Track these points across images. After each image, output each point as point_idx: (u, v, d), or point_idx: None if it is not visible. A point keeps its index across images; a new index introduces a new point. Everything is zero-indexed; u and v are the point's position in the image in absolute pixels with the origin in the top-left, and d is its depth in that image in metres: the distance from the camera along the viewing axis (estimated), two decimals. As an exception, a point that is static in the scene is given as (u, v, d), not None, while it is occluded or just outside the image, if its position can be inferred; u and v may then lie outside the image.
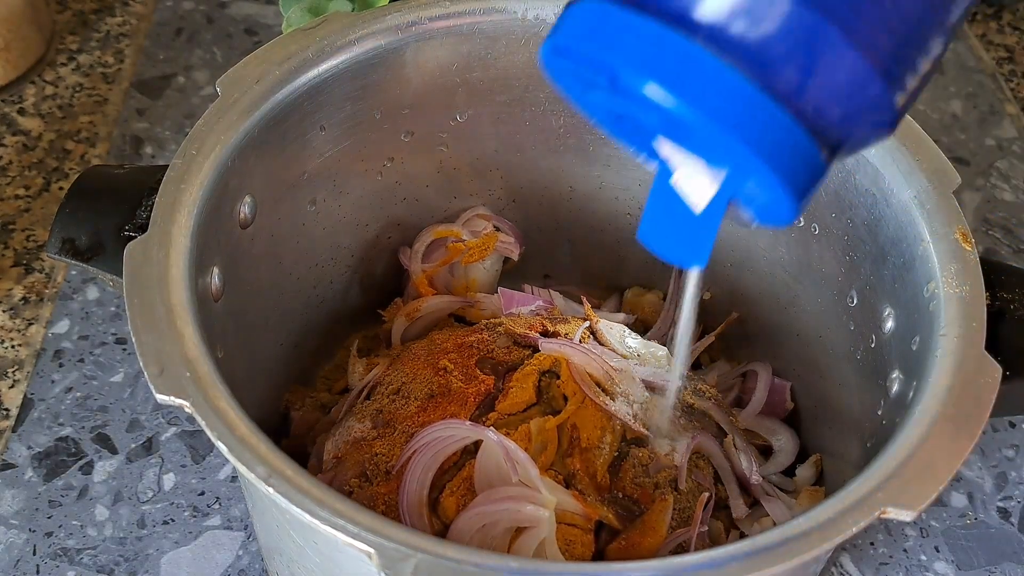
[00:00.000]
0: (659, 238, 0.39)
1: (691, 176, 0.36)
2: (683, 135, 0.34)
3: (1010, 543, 0.65)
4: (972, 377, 0.45)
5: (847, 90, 0.31)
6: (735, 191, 0.35)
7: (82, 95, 0.89)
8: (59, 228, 0.52)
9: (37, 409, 0.68)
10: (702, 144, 0.34)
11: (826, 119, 0.32)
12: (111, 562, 0.62)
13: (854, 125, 0.32)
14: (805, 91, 0.31)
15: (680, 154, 0.35)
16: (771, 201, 0.34)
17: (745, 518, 0.58)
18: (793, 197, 0.33)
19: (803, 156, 0.32)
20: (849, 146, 0.34)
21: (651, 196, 0.38)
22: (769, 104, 0.31)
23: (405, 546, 0.39)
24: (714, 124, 0.31)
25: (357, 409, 0.58)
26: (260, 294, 0.58)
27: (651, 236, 0.39)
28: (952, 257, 0.50)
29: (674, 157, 0.36)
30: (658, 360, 0.60)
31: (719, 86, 0.31)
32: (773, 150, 0.31)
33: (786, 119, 0.31)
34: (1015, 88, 0.96)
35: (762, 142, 0.31)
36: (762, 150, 0.31)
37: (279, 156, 0.56)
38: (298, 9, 0.66)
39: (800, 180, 0.32)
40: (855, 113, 0.32)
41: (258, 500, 0.52)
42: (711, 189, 0.36)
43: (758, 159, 0.31)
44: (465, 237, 0.67)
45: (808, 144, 0.32)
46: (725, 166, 0.34)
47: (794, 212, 0.34)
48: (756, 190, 0.34)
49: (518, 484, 0.51)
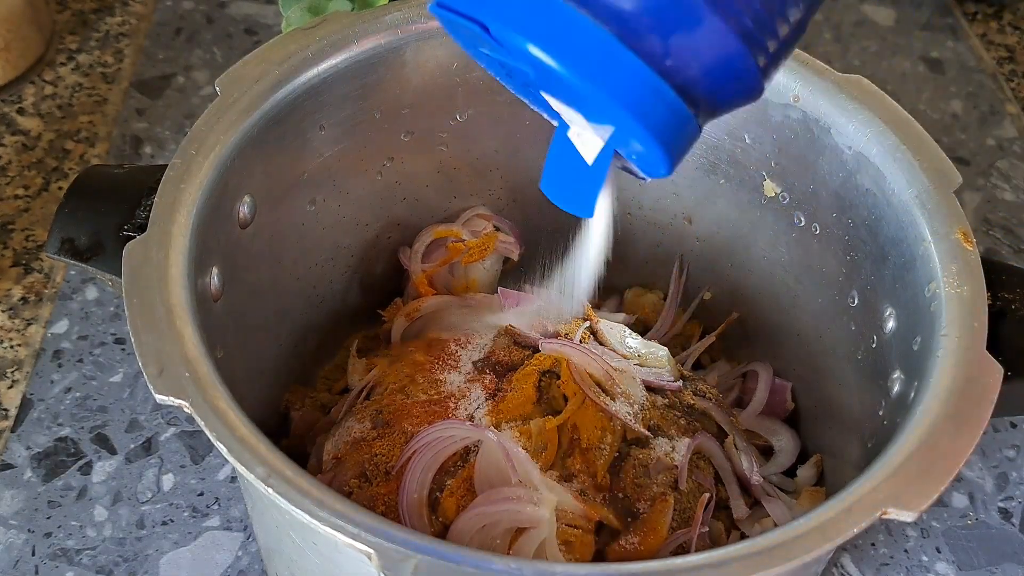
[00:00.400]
0: (557, 189, 0.41)
1: (581, 131, 0.38)
2: (562, 92, 0.36)
3: (1011, 543, 0.65)
4: (973, 377, 0.45)
5: (709, 52, 0.33)
6: (618, 144, 0.37)
7: (82, 95, 0.89)
8: (58, 228, 0.52)
9: (36, 409, 0.68)
10: (580, 100, 0.35)
11: (691, 79, 0.34)
12: (110, 563, 0.61)
13: (718, 85, 0.34)
14: (670, 52, 0.33)
15: (568, 110, 0.37)
16: (647, 155, 0.36)
17: (746, 519, 0.58)
18: (664, 151, 0.35)
19: (671, 113, 0.34)
20: (717, 106, 0.36)
21: (551, 149, 0.40)
22: (637, 63, 0.33)
23: (405, 547, 0.39)
24: (585, 81, 0.33)
25: (357, 409, 0.58)
26: (260, 294, 0.58)
27: (550, 187, 0.41)
28: (953, 257, 0.49)
29: (564, 113, 0.38)
30: (659, 360, 0.60)
31: (589, 44, 0.33)
32: (642, 107, 0.33)
33: (653, 78, 0.33)
34: (1016, 88, 0.96)
35: (631, 99, 0.33)
36: (631, 106, 0.33)
37: (279, 156, 0.56)
38: (298, 9, 0.66)
39: (670, 135, 0.35)
40: (718, 74, 0.34)
41: (257, 501, 0.52)
42: (598, 143, 0.38)
43: (627, 114, 0.33)
44: (465, 237, 0.67)
45: (675, 102, 0.34)
46: (602, 121, 0.36)
47: (667, 165, 0.36)
48: (634, 144, 0.36)
49: (518, 485, 0.50)
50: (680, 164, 0.37)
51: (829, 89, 0.56)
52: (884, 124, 0.54)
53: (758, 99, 0.36)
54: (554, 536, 0.50)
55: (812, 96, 0.56)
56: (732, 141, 0.62)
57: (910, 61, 0.99)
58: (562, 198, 0.41)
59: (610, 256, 0.49)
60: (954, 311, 0.48)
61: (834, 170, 0.57)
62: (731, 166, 0.63)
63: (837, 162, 0.56)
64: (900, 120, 0.55)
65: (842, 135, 0.55)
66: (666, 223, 0.69)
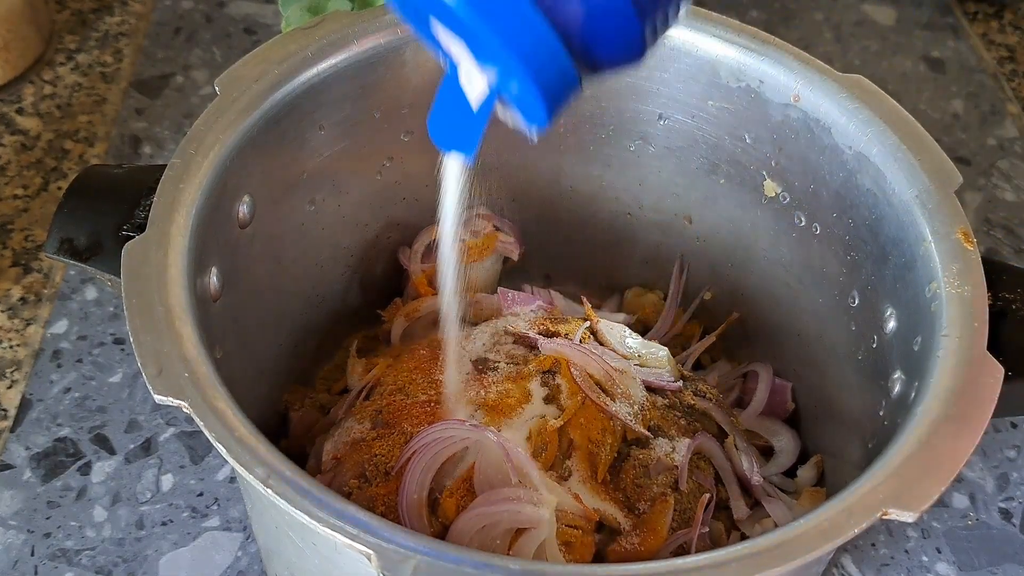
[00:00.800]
0: (441, 131, 0.42)
1: (469, 72, 0.39)
2: (452, 24, 0.37)
3: (1012, 544, 0.65)
4: (974, 377, 0.45)
5: (602, 12, 0.35)
6: (501, 87, 0.38)
7: (81, 95, 0.89)
8: (57, 228, 0.52)
9: (35, 409, 0.68)
10: (467, 35, 0.37)
11: (572, 23, 0.35)
12: (109, 563, 0.61)
13: (599, 36, 0.36)
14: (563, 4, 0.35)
15: (459, 51, 0.39)
16: (528, 101, 0.37)
17: (746, 519, 0.58)
18: (542, 95, 0.36)
19: (551, 58, 0.36)
20: (598, 59, 0.37)
21: (439, 91, 0.41)
22: (525, 7, 0.34)
23: (404, 547, 0.38)
24: (470, 12, 0.35)
25: (356, 410, 0.58)
26: (259, 294, 0.58)
27: (436, 129, 0.42)
28: (954, 257, 0.49)
29: (455, 50, 0.39)
30: (659, 360, 0.60)
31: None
32: (522, 46, 0.35)
33: (536, 16, 0.35)
34: (1016, 88, 0.96)
35: (513, 36, 0.35)
36: (512, 43, 0.35)
37: (278, 156, 0.56)
38: (297, 8, 0.66)
39: (548, 80, 0.36)
40: (599, 23, 0.36)
41: (257, 501, 0.52)
42: (483, 85, 0.39)
43: (508, 51, 0.35)
44: (465, 237, 0.67)
45: (556, 47, 0.35)
46: (487, 59, 0.38)
47: (545, 111, 0.37)
48: (514, 87, 0.37)
49: (518, 485, 0.50)
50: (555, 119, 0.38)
51: (830, 89, 0.56)
52: (885, 124, 0.54)
53: (639, 62, 0.38)
54: (554, 536, 0.50)
55: (813, 96, 0.56)
56: (732, 141, 0.62)
57: (911, 61, 0.99)
58: (446, 140, 0.43)
59: None
60: (955, 311, 0.47)
61: (835, 170, 0.56)
62: (731, 166, 0.63)
63: (837, 162, 0.56)
64: (901, 120, 0.54)
65: (843, 135, 0.55)
66: (666, 223, 0.68)
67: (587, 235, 0.71)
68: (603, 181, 0.68)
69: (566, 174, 0.68)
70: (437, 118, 0.42)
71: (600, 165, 0.67)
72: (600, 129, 0.65)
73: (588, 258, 0.72)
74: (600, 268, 0.73)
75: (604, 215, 0.70)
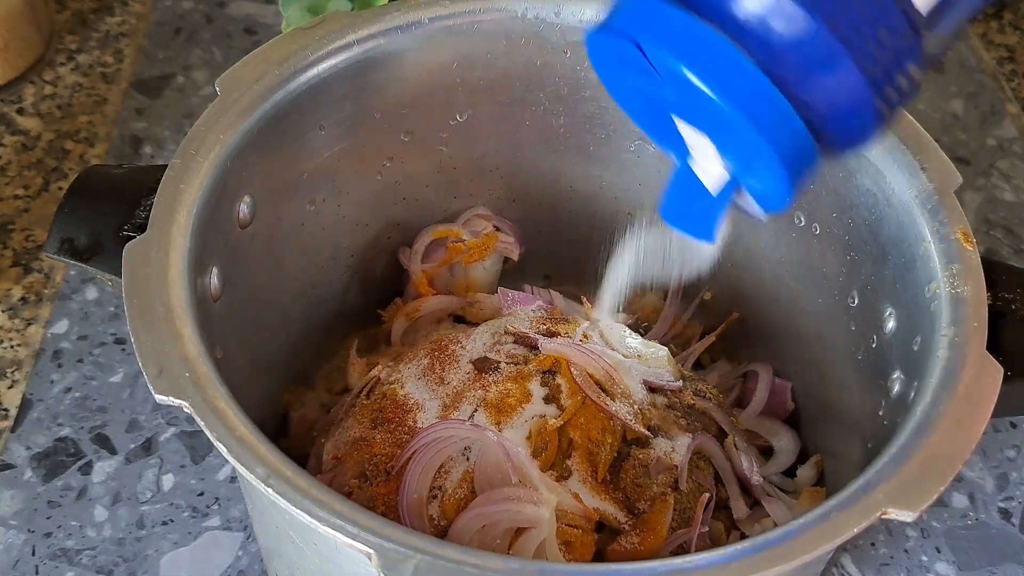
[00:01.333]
0: (676, 215, 0.44)
1: (705, 161, 0.41)
2: (697, 116, 0.39)
3: (1011, 544, 0.65)
4: (973, 377, 0.45)
5: (840, 93, 0.36)
6: (742, 175, 0.40)
7: (81, 95, 0.89)
8: (58, 228, 0.52)
9: (36, 409, 0.68)
10: (715, 126, 0.39)
11: (820, 116, 0.37)
12: (110, 563, 0.61)
13: (843, 125, 0.38)
14: (807, 88, 0.36)
15: (697, 140, 0.40)
16: (769, 185, 0.39)
17: (746, 519, 0.58)
18: (789, 180, 0.38)
19: (800, 145, 0.37)
20: (836, 145, 0.38)
21: (672, 179, 0.43)
22: (776, 94, 0.36)
23: (405, 547, 0.39)
24: (729, 104, 0.36)
25: (357, 409, 0.58)
26: (259, 294, 0.58)
27: (669, 214, 0.45)
28: (953, 257, 0.49)
29: (692, 140, 0.41)
30: (659, 360, 0.60)
31: (735, 72, 0.36)
32: (776, 134, 0.36)
33: (789, 109, 0.36)
34: (1016, 88, 0.96)
35: (767, 125, 0.36)
36: (766, 132, 0.36)
37: (278, 156, 0.56)
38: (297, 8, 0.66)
39: (795, 165, 0.38)
40: (845, 114, 0.37)
41: (257, 501, 0.52)
42: (721, 173, 0.41)
43: (762, 140, 0.36)
44: (465, 237, 0.67)
45: (805, 135, 0.37)
46: (732, 147, 0.39)
47: (788, 194, 0.39)
48: (759, 174, 0.39)
49: (518, 485, 0.50)
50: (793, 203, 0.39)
51: (829, 89, 0.56)
52: (884, 124, 0.54)
53: (873, 138, 0.39)
54: (554, 536, 0.50)
55: (812, 96, 0.56)
56: (732, 141, 0.62)
57: (910, 61, 0.99)
58: (682, 224, 0.45)
59: None
60: (954, 311, 0.48)
61: (834, 170, 0.56)
62: (731, 166, 0.63)
63: (837, 162, 0.56)
64: (900, 119, 0.54)
65: (842, 135, 0.55)
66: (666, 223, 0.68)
67: (587, 235, 0.71)
68: (603, 181, 0.68)
69: (566, 174, 0.68)
70: (671, 203, 0.44)
71: (600, 165, 0.67)
72: (600, 129, 0.65)
73: (588, 258, 0.72)
74: (600, 268, 0.72)
75: (604, 215, 0.70)
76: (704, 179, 0.42)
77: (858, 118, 0.37)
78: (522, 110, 0.65)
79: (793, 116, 0.36)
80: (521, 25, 0.60)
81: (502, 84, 0.63)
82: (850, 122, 0.38)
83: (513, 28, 0.60)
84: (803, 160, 0.38)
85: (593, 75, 0.42)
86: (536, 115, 0.65)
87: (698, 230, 0.44)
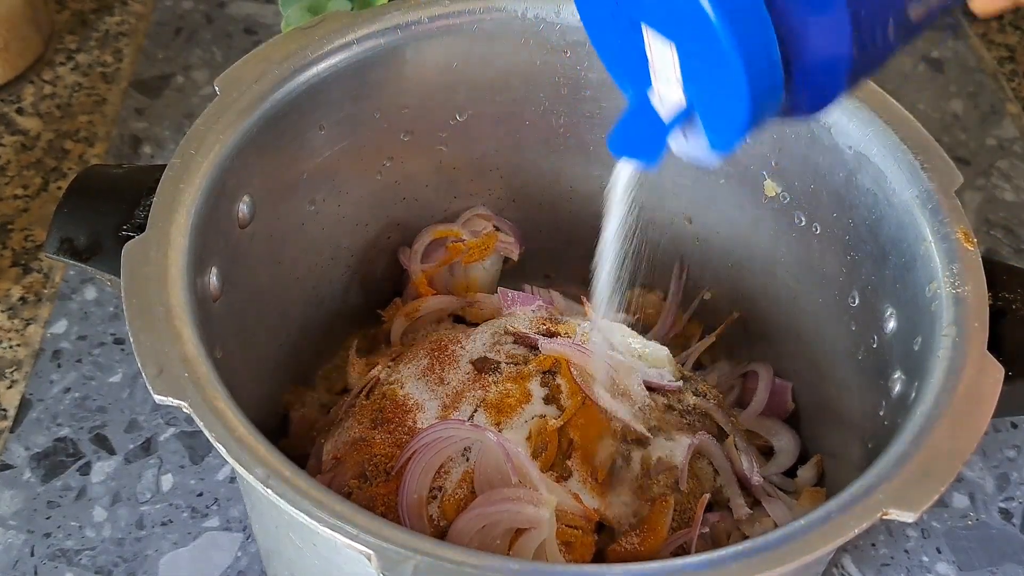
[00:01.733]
0: (621, 143, 0.43)
1: (666, 87, 0.40)
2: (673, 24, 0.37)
3: (1011, 544, 0.65)
4: (974, 377, 0.45)
5: (824, 37, 0.35)
6: (701, 99, 0.39)
7: (81, 95, 0.89)
8: (57, 228, 0.52)
9: (35, 409, 0.68)
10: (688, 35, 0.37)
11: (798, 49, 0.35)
12: (109, 563, 0.61)
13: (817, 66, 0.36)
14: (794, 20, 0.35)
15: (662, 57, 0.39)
16: (727, 115, 0.37)
17: (746, 519, 0.58)
18: (748, 110, 0.36)
19: (770, 77, 0.36)
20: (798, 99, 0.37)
21: (624, 114, 0.42)
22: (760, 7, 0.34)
23: (404, 548, 0.38)
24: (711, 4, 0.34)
25: (356, 409, 0.57)
26: (259, 294, 0.58)
27: (615, 143, 0.43)
28: (954, 257, 0.49)
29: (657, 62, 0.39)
30: (659, 360, 0.60)
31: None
32: (751, 50, 0.35)
33: (770, 30, 0.35)
34: (1016, 87, 0.96)
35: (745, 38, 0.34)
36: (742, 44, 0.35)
37: (278, 156, 0.56)
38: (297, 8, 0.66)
39: (759, 97, 0.36)
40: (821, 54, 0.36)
41: (257, 501, 0.52)
42: (678, 100, 0.39)
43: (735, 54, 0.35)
44: (465, 237, 0.67)
45: (777, 69, 0.35)
46: (700, 65, 0.37)
47: (743, 130, 0.37)
48: (720, 99, 0.37)
49: (518, 485, 0.50)
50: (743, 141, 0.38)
51: (830, 89, 0.56)
52: (885, 123, 0.54)
53: (818, 113, 0.38)
54: (554, 537, 0.50)
55: (812, 96, 0.56)
56: (732, 141, 0.61)
57: (910, 60, 0.99)
58: (627, 151, 0.43)
59: None
60: (955, 311, 0.47)
61: (834, 170, 0.56)
62: (731, 165, 0.63)
63: (838, 161, 0.56)
64: (901, 119, 0.54)
65: (842, 134, 0.55)
66: (666, 223, 0.68)
67: (587, 235, 0.71)
68: (603, 181, 0.68)
69: (566, 174, 0.68)
70: (618, 135, 0.43)
71: (600, 165, 0.67)
72: (600, 129, 0.65)
73: (588, 258, 0.72)
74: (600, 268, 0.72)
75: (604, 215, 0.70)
76: (659, 106, 0.40)
77: (832, 65, 0.36)
78: (522, 110, 0.65)
79: (773, 43, 0.35)
80: (521, 25, 0.60)
81: (502, 84, 0.63)
82: (823, 67, 0.36)
83: (513, 28, 0.60)
84: (767, 97, 0.36)
85: (593, 75, 0.42)
86: (536, 115, 0.65)
87: (643, 154, 0.43)
